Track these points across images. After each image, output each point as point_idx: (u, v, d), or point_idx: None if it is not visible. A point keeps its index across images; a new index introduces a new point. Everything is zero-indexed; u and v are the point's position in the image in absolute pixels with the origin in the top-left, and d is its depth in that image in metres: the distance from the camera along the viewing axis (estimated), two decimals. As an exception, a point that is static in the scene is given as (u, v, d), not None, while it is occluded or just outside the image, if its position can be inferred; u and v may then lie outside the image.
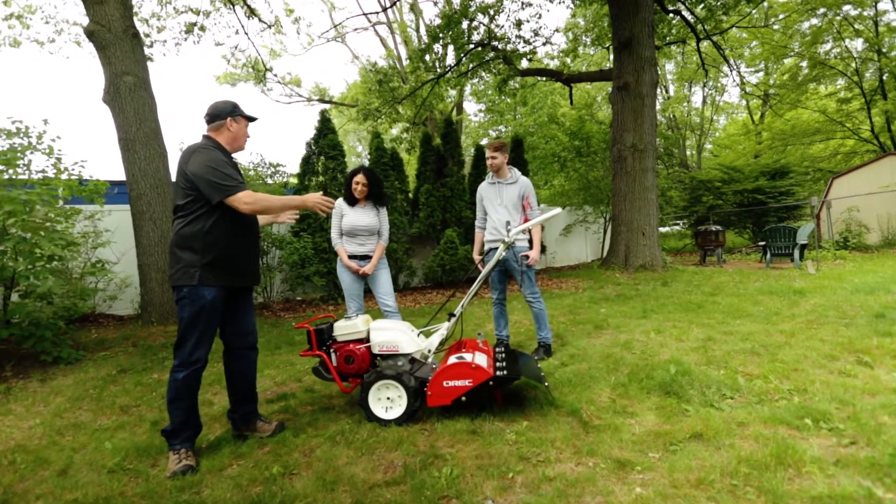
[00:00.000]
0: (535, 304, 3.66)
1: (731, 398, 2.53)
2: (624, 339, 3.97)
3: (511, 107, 21.51)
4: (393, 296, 3.64)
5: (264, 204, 2.22)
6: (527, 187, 3.61)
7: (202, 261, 2.19)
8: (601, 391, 2.77)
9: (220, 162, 2.21)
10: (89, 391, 3.57)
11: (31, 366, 4.33)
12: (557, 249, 12.09)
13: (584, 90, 23.90)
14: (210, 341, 2.26)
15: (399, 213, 8.62)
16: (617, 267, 8.86)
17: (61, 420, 2.98)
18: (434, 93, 14.63)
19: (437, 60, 14.15)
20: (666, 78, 23.70)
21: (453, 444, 2.21)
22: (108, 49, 5.79)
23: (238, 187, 2.17)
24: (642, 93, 8.76)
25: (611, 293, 6.72)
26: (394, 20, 20.48)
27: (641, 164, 8.81)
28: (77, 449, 2.47)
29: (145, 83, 6.04)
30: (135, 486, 2.00)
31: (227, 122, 2.37)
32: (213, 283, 2.20)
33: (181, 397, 2.20)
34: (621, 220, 9.05)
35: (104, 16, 5.77)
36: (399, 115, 16.72)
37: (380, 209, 3.62)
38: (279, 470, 2.04)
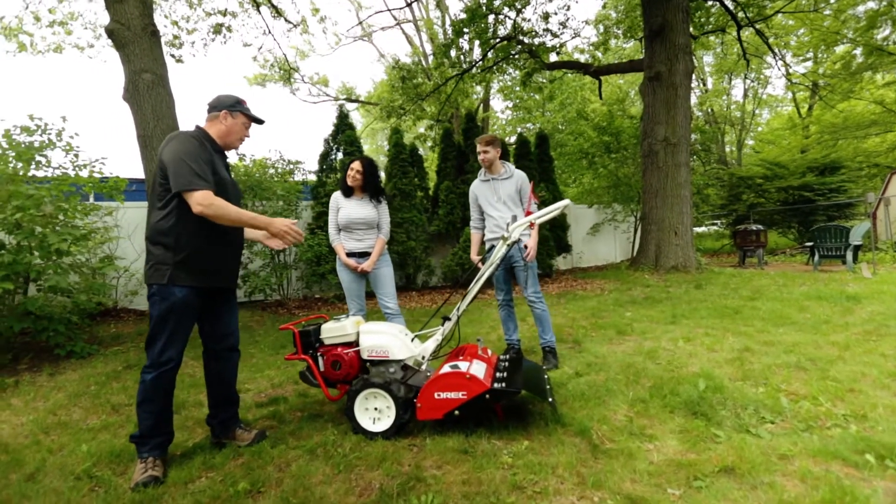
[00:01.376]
0: (537, 305, 3.36)
1: (771, 423, 2.17)
2: (648, 347, 3.61)
3: (539, 103, 20.99)
4: (395, 297, 3.41)
5: (219, 211, 1.99)
6: (524, 180, 3.35)
7: (174, 258, 2.04)
8: (617, 407, 2.45)
9: (191, 153, 2.03)
10: (90, 388, 3.52)
11: (46, 359, 4.36)
12: (584, 249, 11.61)
13: (616, 85, 23.07)
14: (182, 341, 2.10)
15: (418, 211, 8.42)
16: (646, 268, 8.35)
17: (53, 417, 2.91)
18: (458, 89, 14.38)
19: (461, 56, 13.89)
20: (703, 70, 22.57)
21: (441, 465, 1.96)
22: (127, 47, 5.83)
23: (197, 184, 1.98)
24: (675, 82, 8.21)
25: (638, 295, 6.29)
26: (420, 18, 20.36)
27: (674, 159, 8.27)
28: (54, 451, 2.37)
29: (163, 80, 6.06)
30: (92, 498, 1.85)
31: (222, 115, 2.23)
32: (185, 283, 2.05)
33: (150, 399, 2.05)
34: (652, 218, 8.53)
35: (123, 14, 5.82)
36: (423, 113, 16.57)
37: (378, 201, 3.40)
38: (245, 487, 1.85)
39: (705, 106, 22.01)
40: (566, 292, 7.16)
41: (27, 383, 3.71)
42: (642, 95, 8.91)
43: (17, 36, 11.49)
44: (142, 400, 2.05)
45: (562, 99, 19.42)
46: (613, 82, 23.35)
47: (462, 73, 12.96)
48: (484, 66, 12.76)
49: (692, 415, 2.29)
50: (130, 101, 5.91)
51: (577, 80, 19.84)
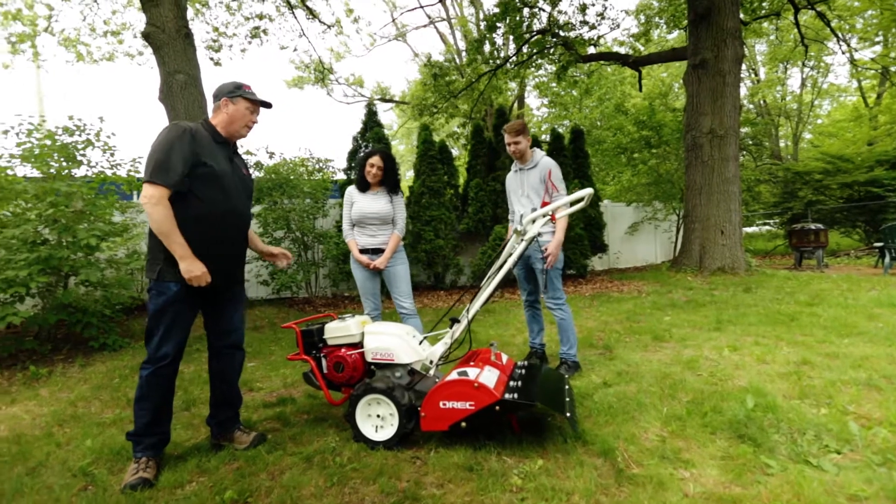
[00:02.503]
0: (556, 312, 3.08)
1: (837, 453, 1.83)
2: (688, 356, 3.26)
3: (575, 99, 20.33)
4: (411, 296, 3.24)
5: (153, 216, 1.91)
6: (548, 167, 3.04)
7: (165, 254, 1.97)
8: (648, 425, 2.17)
9: (164, 145, 1.94)
10: (113, 380, 3.57)
11: (81, 351, 4.50)
12: (622, 249, 11.06)
13: (658, 78, 22.02)
14: (179, 337, 2.02)
15: (447, 209, 8.25)
16: (689, 269, 7.80)
17: (73, 409, 2.94)
18: (491, 86, 14.10)
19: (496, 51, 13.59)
20: (755, 59, 21.13)
21: (442, 483, 1.77)
22: (162, 49, 6.00)
23: (153, 177, 1.89)
24: (723, 70, 7.61)
25: (679, 298, 5.83)
26: (454, 16, 20.20)
27: (721, 153, 7.67)
28: (62, 444, 2.36)
29: (196, 81, 6.20)
30: (81, 499, 1.79)
31: (222, 103, 2.13)
32: (177, 279, 1.98)
33: (146, 397, 1.98)
34: (695, 216, 7.96)
35: (159, 17, 5.98)
36: (456, 111, 16.39)
37: (394, 195, 3.24)
38: (232, 495, 1.73)
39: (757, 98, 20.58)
40: (600, 294, 6.78)
41: (58, 374, 3.82)
42: (685, 85, 8.34)
43: (75, 46, 12.23)
44: (138, 396, 2.00)
45: (600, 94, 18.71)
46: (656, 75, 22.31)
47: (495, 69, 12.67)
48: (518, 61, 12.42)
49: (737, 438, 1.98)
50: (165, 102, 6.08)
51: (616, 73, 19.07)
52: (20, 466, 2.12)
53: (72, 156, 4.83)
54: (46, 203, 3.94)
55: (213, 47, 11.31)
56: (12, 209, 4.38)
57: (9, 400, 3.19)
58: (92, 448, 2.23)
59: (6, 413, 2.93)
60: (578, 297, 6.58)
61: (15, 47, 11.15)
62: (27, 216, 4.22)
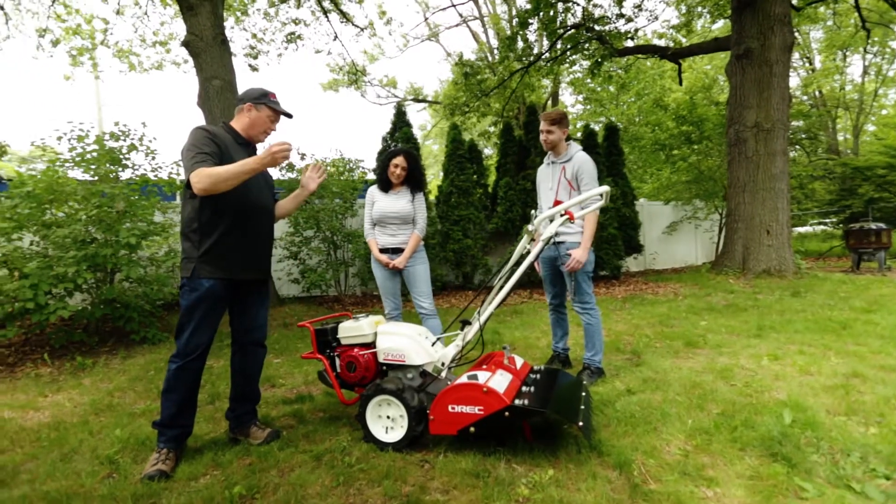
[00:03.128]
0: (584, 316, 2.94)
1: (885, 478, 1.65)
2: (722, 364, 3.06)
3: (612, 95, 19.72)
4: (430, 296, 3.22)
5: (213, 179, 1.90)
6: (581, 164, 2.88)
7: (198, 252, 2.06)
8: (671, 437, 2.04)
9: (192, 145, 2.02)
10: (149, 372, 3.74)
11: (124, 343, 4.76)
12: (659, 249, 10.62)
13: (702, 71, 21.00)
14: (208, 332, 2.10)
15: (476, 208, 8.19)
16: (731, 271, 7.38)
17: (109, 398, 3.10)
18: (524, 83, 13.88)
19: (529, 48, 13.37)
20: (810, 47, 19.76)
21: (448, 490, 1.73)
22: (200, 56, 6.26)
23: (192, 167, 1.93)
24: (770, 59, 7.14)
25: (718, 302, 5.52)
26: (486, 14, 20.05)
27: (767, 147, 7.20)
28: (95, 432, 2.48)
29: (231, 86, 6.43)
30: (103, 486, 1.87)
31: (247, 107, 2.21)
32: (210, 276, 2.06)
33: (172, 389, 2.06)
34: (739, 215, 7.51)
35: (197, 26, 6.25)
36: (488, 109, 16.24)
37: (415, 195, 3.22)
38: (241, 490, 1.76)
39: (811, 88, 19.23)
40: (633, 296, 6.52)
41: (102, 365, 4.05)
42: (728, 77, 7.88)
43: (128, 57, 13.01)
44: (165, 389, 2.08)
45: (638, 89, 18.06)
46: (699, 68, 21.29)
47: (527, 66, 12.46)
48: (551, 57, 12.15)
49: (770, 456, 1.82)
50: (203, 107, 6.34)
51: (656, 67, 18.34)
52: (56, 451, 2.25)
53: (117, 159, 5.12)
54: (91, 204, 4.19)
55: (252, 54, 11.72)
56: (66, 210, 4.70)
57: (56, 388, 3.41)
58: (120, 437, 2.34)
59: (52, 400, 3.13)
60: (610, 300, 6.36)
61: (76, 60, 11.98)
62: (78, 216, 4.51)
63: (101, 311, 4.60)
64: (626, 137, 15.16)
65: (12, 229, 4.32)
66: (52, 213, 4.63)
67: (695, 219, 10.63)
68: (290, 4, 11.47)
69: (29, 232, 4.53)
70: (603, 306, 5.80)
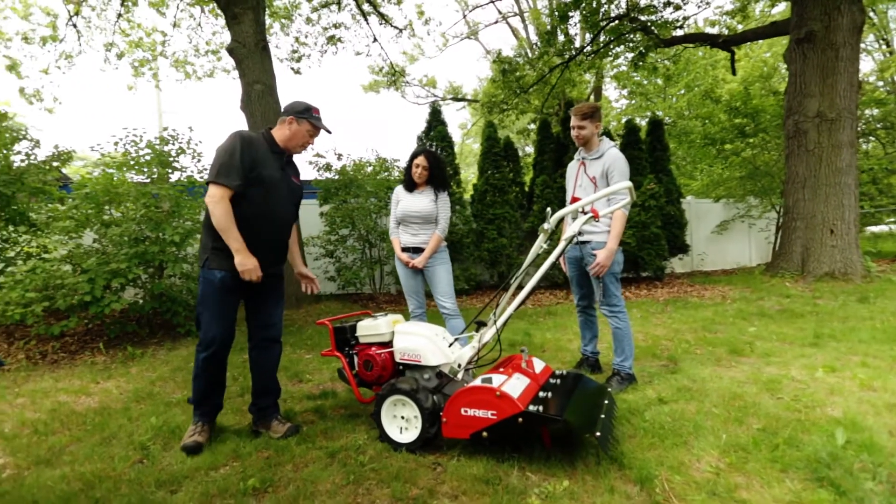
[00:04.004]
0: (611, 320, 2.79)
1: (952, 512, 1.44)
2: (769, 375, 2.82)
3: (659, 88, 18.83)
4: (452, 297, 3.18)
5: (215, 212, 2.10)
6: (613, 162, 2.72)
7: (212, 244, 2.19)
8: (703, 452, 1.88)
9: (227, 150, 2.14)
10: (189, 364, 3.93)
11: (170, 336, 5.06)
12: (708, 250, 10.01)
13: (760, 59, 19.62)
14: (224, 323, 2.21)
15: (511, 207, 8.07)
16: (788, 273, 6.83)
17: (151, 387, 3.29)
18: (564, 78, 13.51)
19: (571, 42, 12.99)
20: (886, 27, 17.96)
21: (456, 495, 1.68)
22: (243, 62, 6.54)
23: (216, 178, 2.10)
24: (836, 42, 6.53)
25: (771, 307, 5.12)
26: (526, 9, 19.72)
27: (832, 139, 6.60)
28: (133, 419, 2.64)
29: (272, 90, 6.68)
30: (132, 471, 1.97)
31: (289, 120, 2.31)
32: (221, 267, 2.17)
33: (199, 376, 2.25)
34: (797, 212, 6.94)
35: (241, 33, 6.53)
36: (527, 106, 15.96)
37: (439, 194, 3.19)
38: (255, 483, 1.79)
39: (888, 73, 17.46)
40: (676, 299, 6.18)
41: (149, 355, 4.31)
42: (787, 63, 7.29)
43: (184, 66, 13.84)
44: (194, 375, 2.27)
45: (687, 80, 17.12)
46: (757, 55, 19.90)
47: (567, 60, 12.11)
48: (593, 51, 11.74)
49: (815, 480, 1.64)
50: (245, 110, 6.62)
51: (708, 57, 17.32)
52: (97, 436, 2.40)
53: (167, 162, 5.44)
54: (141, 204, 4.47)
55: (294, 58, 12.14)
56: (122, 210, 5.04)
57: (107, 375, 3.66)
58: (154, 425, 2.46)
59: (101, 387, 3.36)
60: (651, 302, 6.06)
61: (137, 71, 12.88)
62: (132, 216, 4.84)
63: (150, 305, 4.90)
64: (674, 132, 14.41)
65: (74, 228, 4.69)
66: (111, 213, 5.00)
67: (748, 217, 9.93)
68: (332, 9, 11.77)
69: (91, 230, 4.91)
70: (642, 309, 5.53)
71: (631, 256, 7.51)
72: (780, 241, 7.95)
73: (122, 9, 10.63)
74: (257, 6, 6.66)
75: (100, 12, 10.75)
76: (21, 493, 1.81)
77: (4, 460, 2.17)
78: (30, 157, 5.25)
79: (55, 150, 5.43)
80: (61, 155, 5.44)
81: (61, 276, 4.29)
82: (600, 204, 2.71)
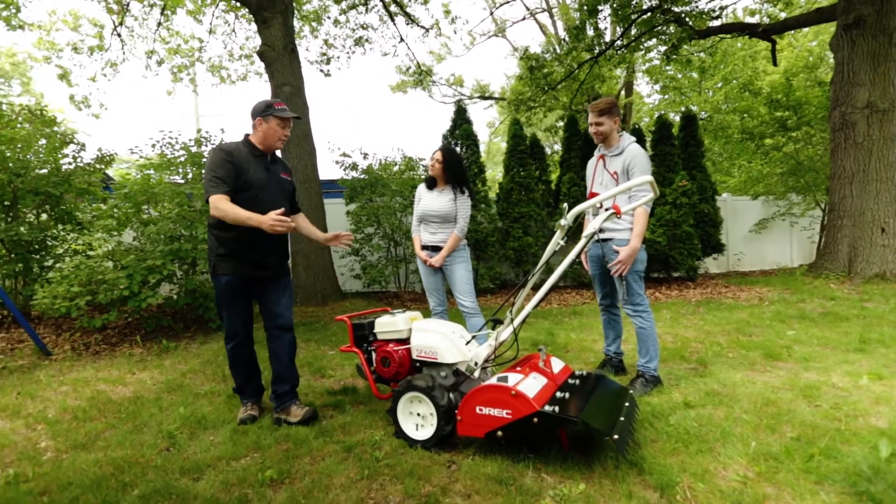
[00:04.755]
0: (635, 320, 2.69)
1: None
2: (807, 381, 2.66)
3: (694, 82, 18.12)
4: (471, 295, 3.15)
5: (221, 212, 2.21)
6: (633, 157, 2.62)
7: (217, 251, 2.38)
8: (730, 460, 1.79)
9: (211, 167, 2.27)
10: (218, 357, 4.07)
11: (202, 330, 5.25)
12: (745, 249, 9.57)
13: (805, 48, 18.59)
14: (239, 319, 2.46)
15: (537, 205, 7.95)
16: (833, 274, 6.44)
17: (181, 379, 3.42)
18: (593, 74, 13.22)
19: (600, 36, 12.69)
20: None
21: (469, 494, 1.66)
22: (273, 65, 6.72)
23: (210, 192, 2.21)
24: (888, 27, 6.10)
25: (813, 309, 4.84)
26: (554, 5, 19.40)
27: (883, 131, 6.18)
28: (164, 408, 2.75)
29: (300, 91, 6.83)
30: (159, 458, 2.05)
31: (257, 122, 2.40)
32: (226, 272, 2.36)
33: (233, 364, 2.53)
34: (844, 210, 6.53)
35: (270, 37, 6.70)
36: (555, 103, 15.70)
37: (458, 194, 3.17)
38: (272, 475, 1.83)
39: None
40: (709, 300, 5.93)
41: (182, 349, 4.49)
42: (834, 51, 6.87)
43: (219, 71, 14.34)
44: (230, 364, 2.55)
45: (725, 73, 16.40)
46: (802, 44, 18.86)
47: (596, 56, 11.84)
48: (624, 44, 11.42)
49: (854, 495, 1.53)
50: (275, 112, 6.80)
51: (747, 48, 16.55)
52: (130, 423, 2.52)
53: (200, 163, 5.65)
54: (175, 203, 4.67)
55: (323, 60, 12.37)
56: (159, 209, 5.28)
57: (142, 367, 3.83)
58: (182, 415, 2.56)
59: (137, 377, 3.52)
60: (681, 303, 5.84)
61: (176, 76, 13.44)
62: (168, 215, 5.05)
63: (184, 301, 5.10)
64: (710, 127, 13.84)
65: (116, 226, 4.94)
66: (149, 212, 5.23)
67: (789, 215, 9.43)
68: (359, 10, 11.92)
69: (131, 229, 5.16)
70: (672, 310, 5.34)
71: (662, 256, 7.27)
72: (824, 240, 7.51)
73: (161, 17, 11.11)
74: (286, 10, 6.83)
75: (141, 21, 11.27)
76: (58, 475, 1.92)
77: (46, 443, 2.31)
78: (76, 160, 5.58)
79: (99, 153, 5.74)
80: (104, 157, 5.75)
81: (103, 272, 4.53)
82: (622, 200, 2.63)
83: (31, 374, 3.66)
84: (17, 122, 5.19)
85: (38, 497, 1.77)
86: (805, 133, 9.24)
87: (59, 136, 5.35)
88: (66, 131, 5.65)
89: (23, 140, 5.01)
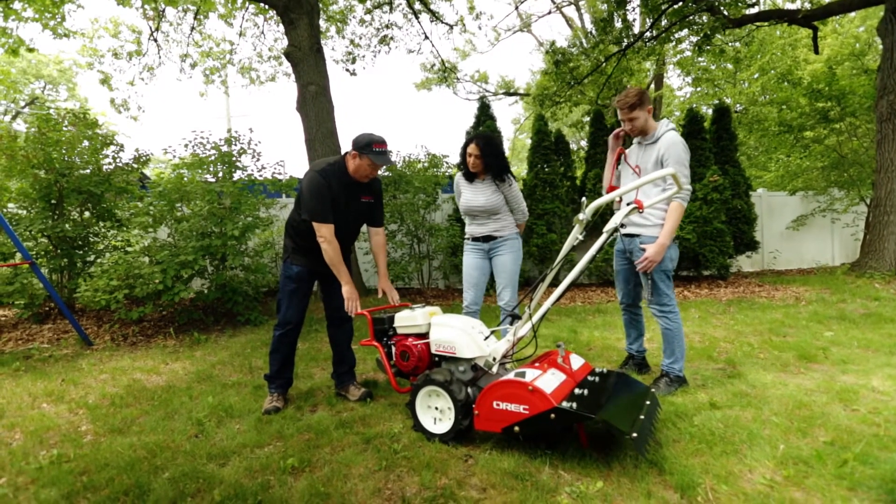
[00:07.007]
0: (661, 320, 2.61)
1: None
2: (843, 384, 2.53)
3: (728, 73, 17.43)
4: (513, 288, 3.01)
5: (328, 247, 2.49)
6: (668, 147, 2.48)
7: (292, 245, 2.70)
8: (756, 463, 1.73)
9: (315, 193, 2.47)
10: (246, 350, 4.21)
11: (231, 323, 5.43)
12: (782, 247, 9.16)
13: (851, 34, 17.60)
14: (298, 307, 2.67)
15: (562, 202, 7.85)
16: (878, 274, 6.10)
17: (211, 370, 3.56)
18: (620, 67, 12.90)
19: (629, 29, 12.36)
20: None
21: (485, 488, 1.67)
22: (299, 65, 6.85)
23: (320, 219, 2.47)
24: (943, 10, 5.70)
25: (854, 310, 4.60)
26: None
27: (936, 121, 5.79)
28: (194, 397, 2.87)
29: (325, 90, 6.94)
30: (188, 443, 2.14)
31: (353, 154, 2.55)
32: (299, 263, 2.66)
33: (276, 350, 2.68)
34: (891, 205, 6.17)
35: (297, 37, 6.84)
36: (581, 98, 15.41)
37: (500, 184, 3.01)
38: (293, 463, 1.89)
39: None
40: (741, 299, 5.72)
41: (212, 341, 4.66)
42: (881, 37, 6.49)
43: (249, 72, 14.74)
44: (271, 350, 2.70)
45: (762, 63, 15.70)
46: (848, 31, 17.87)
47: (624, 48, 11.54)
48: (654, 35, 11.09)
49: (891, 503, 1.46)
50: (300, 111, 6.93)
51: (786, 36, 15.78)
52: (162, 411, 2.64)
53: (231, 162, 5.83)
54: (205, 201, 4.84)
55: (349, 59, 12.53)
56: (191, 207, 5.49)
57: (175, 357, 4.00)
58: (211, 404, 2.66)
59: (170, 367, 3.68)
60: (711, 302, 5.66)
61: (208, 78, 13.89)
62: (200, 212, 5.25)
63: (214, 295, 5.29)
64: (745, 120, 13.28)
65: (152, 223, 5.16)
66: (182, 209, 5.45)
67: (831, 210, 8.96)
68: (384, 10, 12.01)
69: (165, 226, 5.39)
70: (701, 309, 5.18)
71: (692, 253, 7.05)
72: (868, 236, 7.11)
73: (194, 22, 11.50)
74: (312, 11, 6.95)
75: (176, 26, 11.69)
76: (96, 457, 2.03)
77: (86, 427, 2.45)
78: (116, 161, 5.85)
79: (136, 154, 6.01)
80: (141, 158, 6.01)
81: (139, 267, 4.74)
82: (647, 194, 2.56)
83: (75, 362, 3.88)
84: (63, 126, 5.48)
85: (78, 476, 1.88)
86: (849, 124, 8.75)
87: (100, 138, 5.62)
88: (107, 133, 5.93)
89: (67, 142, 5.30)
